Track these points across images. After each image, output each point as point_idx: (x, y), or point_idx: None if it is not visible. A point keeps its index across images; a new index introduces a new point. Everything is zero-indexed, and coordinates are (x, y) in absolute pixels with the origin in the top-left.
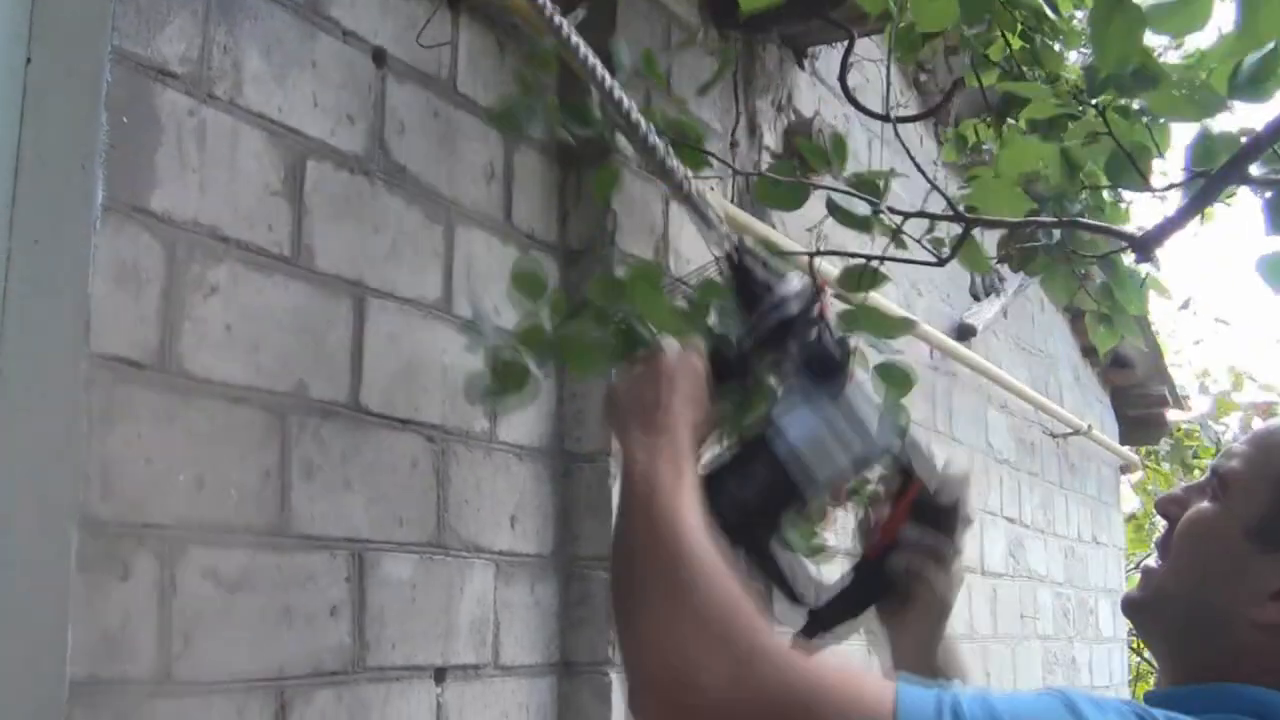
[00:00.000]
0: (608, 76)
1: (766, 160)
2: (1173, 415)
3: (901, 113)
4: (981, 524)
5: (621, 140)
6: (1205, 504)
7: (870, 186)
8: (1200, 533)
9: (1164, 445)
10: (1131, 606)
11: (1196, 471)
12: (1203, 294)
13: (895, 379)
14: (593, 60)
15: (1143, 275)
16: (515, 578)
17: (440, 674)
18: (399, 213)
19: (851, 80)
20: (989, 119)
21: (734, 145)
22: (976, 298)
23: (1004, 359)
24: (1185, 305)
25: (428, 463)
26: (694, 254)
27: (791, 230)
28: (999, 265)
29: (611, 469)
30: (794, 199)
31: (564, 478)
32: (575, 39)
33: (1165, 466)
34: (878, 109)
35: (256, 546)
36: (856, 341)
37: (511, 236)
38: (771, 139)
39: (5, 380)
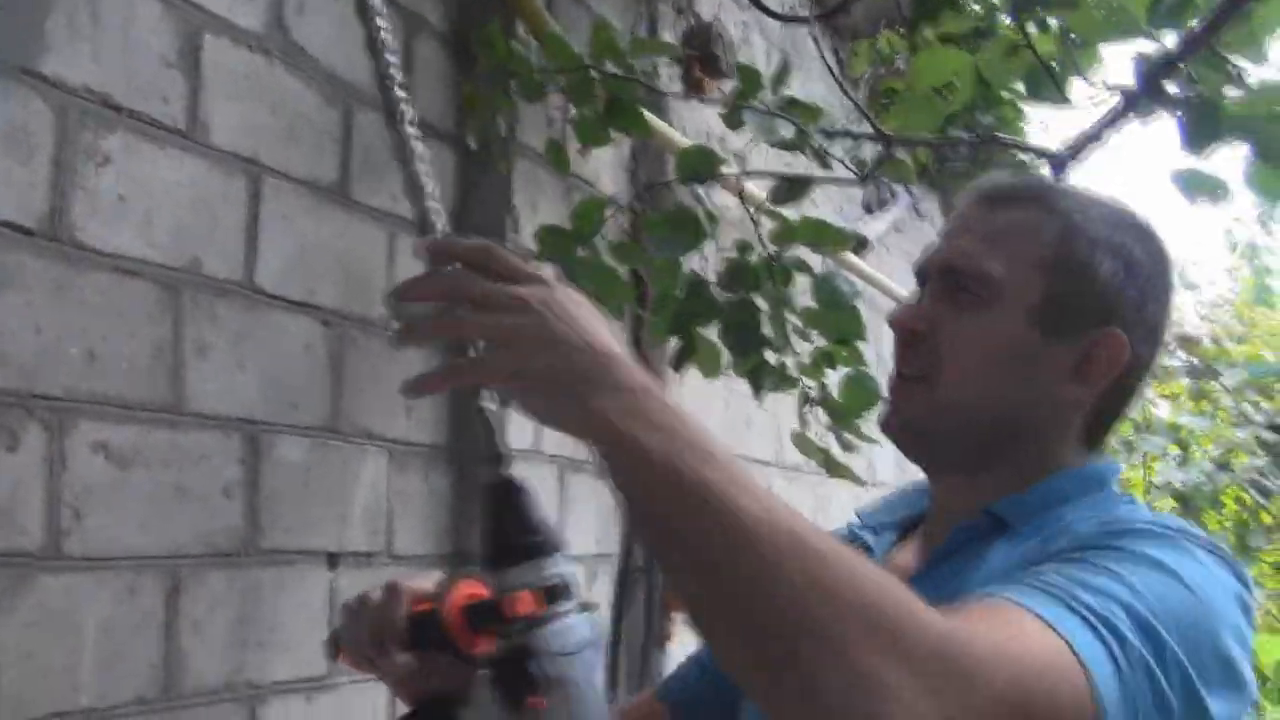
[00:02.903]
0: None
1: (664, 62)
2: None
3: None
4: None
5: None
6: (973, 315)
7: (806, 112)
8: (986, 345)
9: None
10: (915, 432)
11: None
12: None
13: (836, 301)
14: None
15: None
16: (409, 466)
17: (334, 559)
18: (297, 93)
19: None
20: (900, 30)
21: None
22: (869, 210)
23: (895, 273)
24: None
25: (323, 347)
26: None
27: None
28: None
29: None
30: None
31: None
32: None
33: None
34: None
35: (149, 423)
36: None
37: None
38: (672, 40)
39: None
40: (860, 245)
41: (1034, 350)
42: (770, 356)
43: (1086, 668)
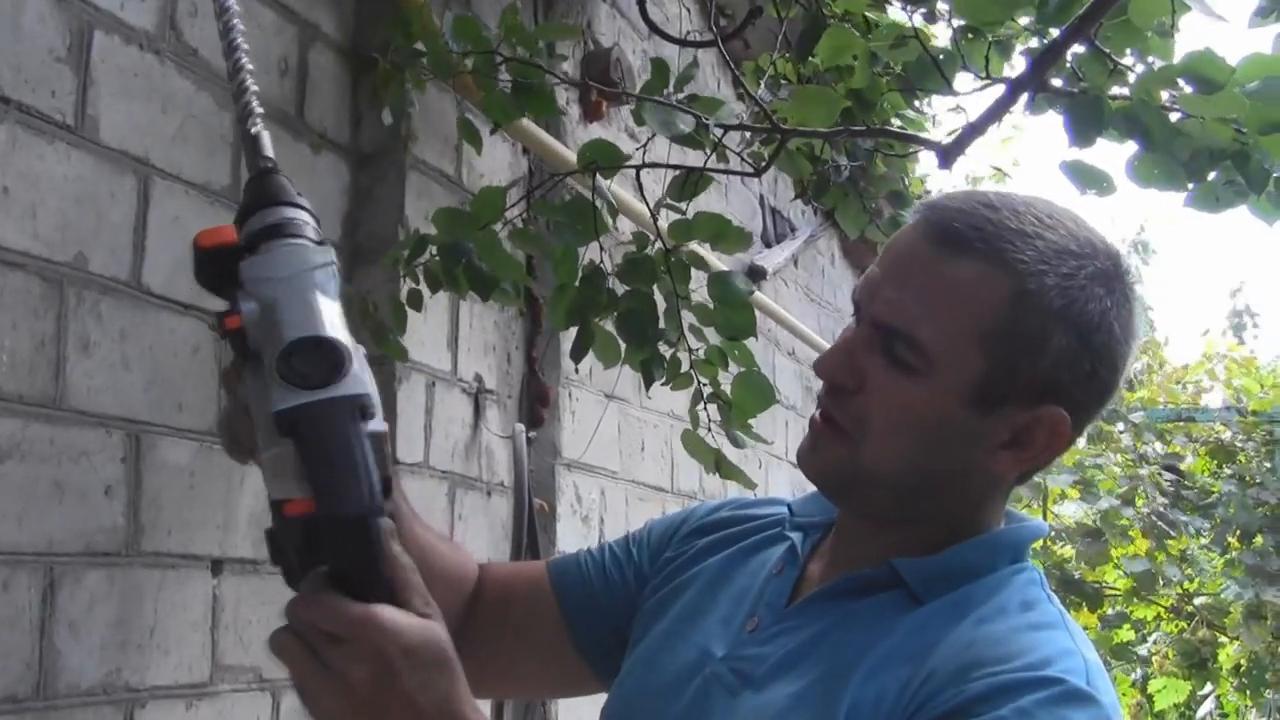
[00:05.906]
0: None
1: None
2: None
3: (700, 53)
4: (766, 465)
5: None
6: (903, 383)
7: (707, 104)
8: (913, 419)
9: None
10: (832, 487)
11: None
12: None
13: (729, 297)
14: None
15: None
16: None
17: (217, 565)
18: (189, 95)
19: (651, 17)
20: (789, 55)
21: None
22: (768, 243)
23: (793, 307)
24: None
25: (209, 351)
26: (488, 166)
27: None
28: (794, 201)
29: (397, 371)
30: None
31: None
32: None
33: None
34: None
35: (28, 416)
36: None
37: (303, 134)
38: (569, 65)
39: None
40: (758, 276)
41: (965, 429)
42: (665, 351)
43: None
